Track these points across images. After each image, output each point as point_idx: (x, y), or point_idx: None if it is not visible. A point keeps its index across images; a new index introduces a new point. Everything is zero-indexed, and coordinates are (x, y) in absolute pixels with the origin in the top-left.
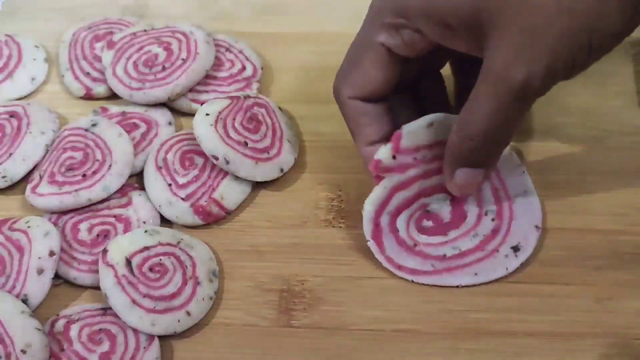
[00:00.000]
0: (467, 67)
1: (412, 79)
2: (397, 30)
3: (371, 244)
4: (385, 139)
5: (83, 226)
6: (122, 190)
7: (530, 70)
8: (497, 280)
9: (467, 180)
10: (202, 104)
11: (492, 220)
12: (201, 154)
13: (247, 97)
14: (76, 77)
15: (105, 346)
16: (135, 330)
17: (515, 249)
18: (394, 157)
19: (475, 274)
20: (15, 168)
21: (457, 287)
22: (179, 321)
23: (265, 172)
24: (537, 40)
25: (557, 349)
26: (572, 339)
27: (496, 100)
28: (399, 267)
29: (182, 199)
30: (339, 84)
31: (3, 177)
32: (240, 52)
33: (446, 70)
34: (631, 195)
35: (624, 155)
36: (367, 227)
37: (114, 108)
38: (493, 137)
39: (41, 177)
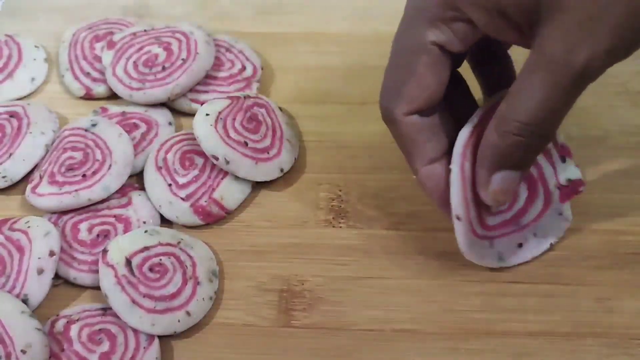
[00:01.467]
0: (487, 68)
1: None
2: (448, 25)
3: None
4: (443, 154)
5: (83, 226)
6: (122, 190)
7: (592, 53)
8: (496, 281)
9: (505, 185)
10: (202, 104)
11: None
12: (201, 154)
13: (247, 97)
14: (76, 77)
15: (105, 346)
16: (135, 330)
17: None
18: None
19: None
20: (16, 168)
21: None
22: (179, 321)
23: (265, 172)
24: (600, 21)
25: (557, 349)
26: (572, 339)
27: (553, 86)
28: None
29: (182, 199)
30: (389, 102)
31: (3, 177)
32: (241, 52)
33: None
34: (631, 196)
35: (624, 155)
36: None
37: (114, 108)
38: (543, 129)
39: (41, 177)
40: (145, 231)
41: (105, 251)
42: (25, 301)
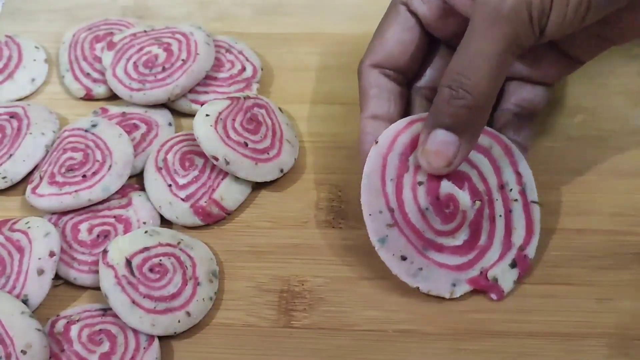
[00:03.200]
0: None
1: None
2: None
3: None
4: (390, 120)
5: (83, 227)
6: (122, 191)
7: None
8: None
9: (439, 146)
10: (202, 104)
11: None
12: (201, 154)
13: (247, 97)
14: (76, 78)
15: (105, 347)
16: (135, 331)
17: None
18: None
19: None
20: (16, 169)
21: None
22: (179, 322)
23: (265, 172)
24: None
25: (558, 349)
26: (572, 340)
27: (473, 29)
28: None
29: (182, 199)
30: (363, 57)
31: (3, 177)
32: (240, 52)
33: None
34: (632, 196)
35: (625, 155)
36: None
37: (114, 109)
38: (472, 77)
39: (41, 178)
40: (145, 232)
41: (105, 252)
42: (25, 301)
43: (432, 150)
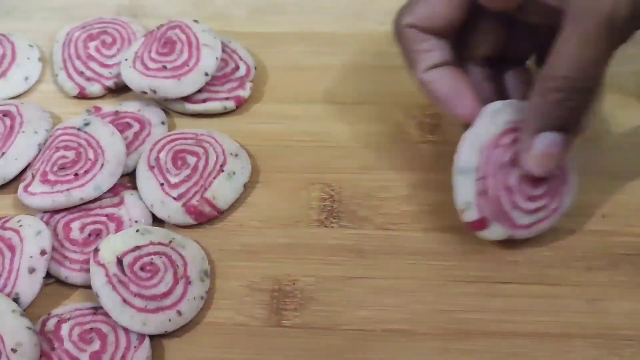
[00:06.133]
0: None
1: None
2: None
3: None
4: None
5: (75, 225)
6: (114, 190)
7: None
8: (488, 281)
9: (548, 148)
10: (194, 103)
11: None
12: (193, 153)
13: (160, 26)
14: (70, 77)
15: (96, 345)
16: (126, 330)
17: None
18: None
19: None
20: (8, 167)
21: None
22: (170, 321)
23: (190, 83)
24: None
25: (548, 349)
26: (562, 340)
27: (583, 36)
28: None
29: (174, 198)
30: (399, 16)
31: None
32: (234, 52)
33: None
34: (624, 197)
35: (620, 156)
36: None
37: (107, 107)
38: (580, 82)
39: (33, 176)
40: (137, 230)
41: (96, 250)
42: (16, 300)
43: (541, 153)
